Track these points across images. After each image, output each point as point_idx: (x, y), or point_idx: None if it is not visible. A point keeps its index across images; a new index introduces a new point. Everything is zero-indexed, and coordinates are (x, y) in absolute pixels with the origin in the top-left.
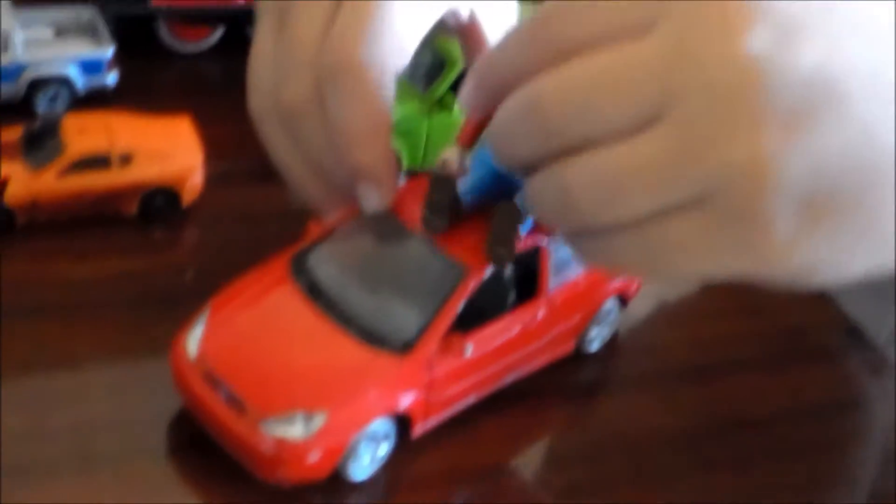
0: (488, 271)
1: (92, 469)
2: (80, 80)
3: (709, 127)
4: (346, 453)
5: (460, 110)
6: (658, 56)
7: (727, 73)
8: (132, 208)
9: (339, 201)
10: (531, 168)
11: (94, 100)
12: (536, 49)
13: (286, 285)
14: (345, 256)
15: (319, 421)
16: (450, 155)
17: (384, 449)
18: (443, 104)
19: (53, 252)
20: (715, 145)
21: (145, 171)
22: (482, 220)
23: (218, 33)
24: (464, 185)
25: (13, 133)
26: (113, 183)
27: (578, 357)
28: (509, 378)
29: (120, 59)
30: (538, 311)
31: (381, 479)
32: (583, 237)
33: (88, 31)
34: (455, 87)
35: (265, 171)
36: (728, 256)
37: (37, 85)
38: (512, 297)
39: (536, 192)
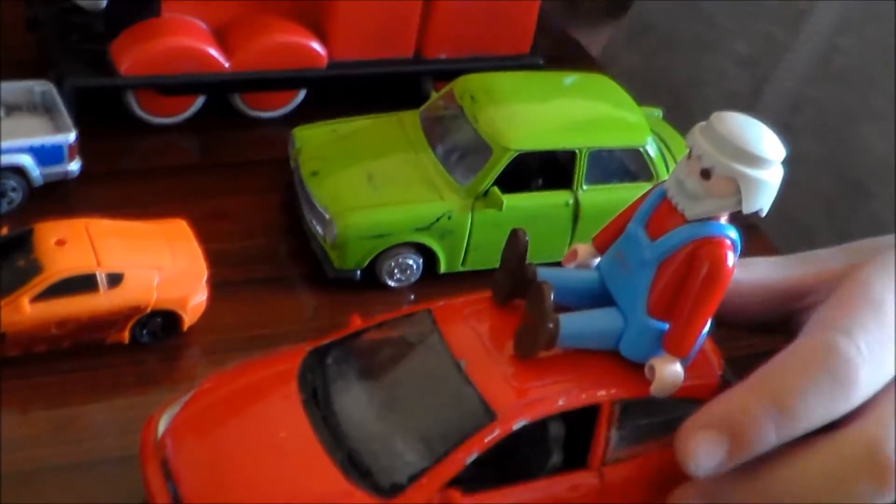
0: (518, 425)
1: None
2: (36, 170)
3: None
4: None
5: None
6: None
7: None
8: (123, 335)
9: None
10: None
11: (54, 192)
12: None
13: (285, 383)
14: (365, 363)
15: None
16: (582, 250)
17: None
18: (488, 199)
19: (25, 396)
20: None
21: (140, 293)
22: (540, 367)
23: (198, 103)
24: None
25: None
26: (101, 308)
27: None
28: None
29: (83, 138)
30: (585, 484)
31: None
32: None
33: (43, 110)
34: (502, 178)
35: (270, 274)
36: None
37: None
38: (554, 460)
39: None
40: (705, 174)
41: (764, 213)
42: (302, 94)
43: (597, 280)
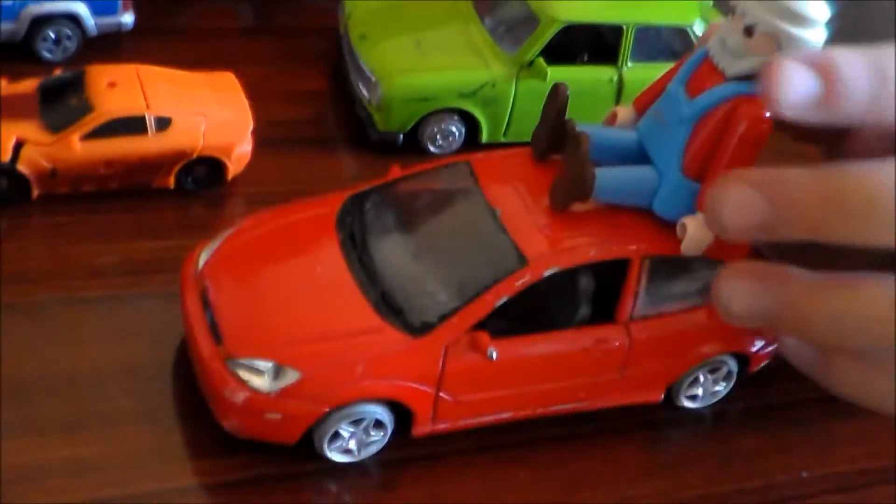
0: (549, 272)
1: None
2: (91, 20)
3: None
4: (320, 426)
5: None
6: None
7: None
8: (169, 180)
9: None
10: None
11: (107, 44)
12: None
13: (324, 225)
14: (403, 209)
15: (290, 378)
16: (622, 112)
17: (376, 438)
18: (533, 68)
19: (74, 231)
20: None
21: (188, 138)
22: (574, 220)
23: None
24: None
25: (27, 85)
26: (149, 151)
27: (671, 407)
28: (562, 407)
29: None
30: (611, 338)
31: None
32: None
33: None
34: (548, 50)
35: (315, 134)
36: None
37: (40, 23)
38: (582, 312)
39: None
40: (748, 31)
41: None
42: None
43: (635, 140)
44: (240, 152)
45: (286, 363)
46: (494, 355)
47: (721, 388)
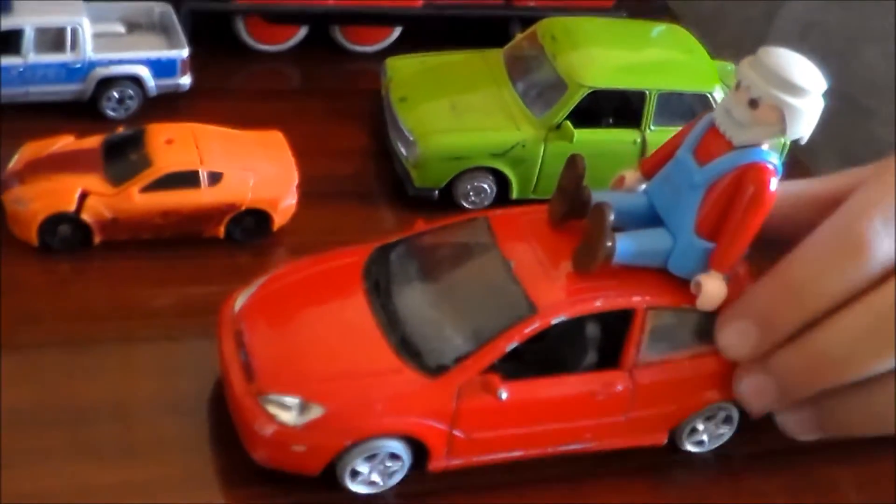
0: (556, 320)
1: None
2: (152, 81)
3: None
4: (342, 459)
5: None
6: None
7: None
8: (219, 230)
9: None
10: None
11: (166, 103)
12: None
13: (352, 274)
14: (424, 259)
15: (315, 413)
16: (630, 176)
17: (394, 471)
18: (561, 131)
19: (131, 275)
20: None
21: (237, 192)
22: (587, 275)
23: (301, 34)
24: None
25: (92, 142)
26: (202, 203)
27: (676, 451)
28: (570, 447)
29: (195, 58)
30: (616, 382)
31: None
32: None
33: (161, 29)
34: (575, 113)
35: (356, 189)
36: None
37: (106, 84)
38: (589, 358)
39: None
40: (753, 104)
41: (804, 141)
42: (397, 32)
43: (645, 203)
44: (285, 205)
45: (312, 399)
46: (504, 396)
47: (725, 431)
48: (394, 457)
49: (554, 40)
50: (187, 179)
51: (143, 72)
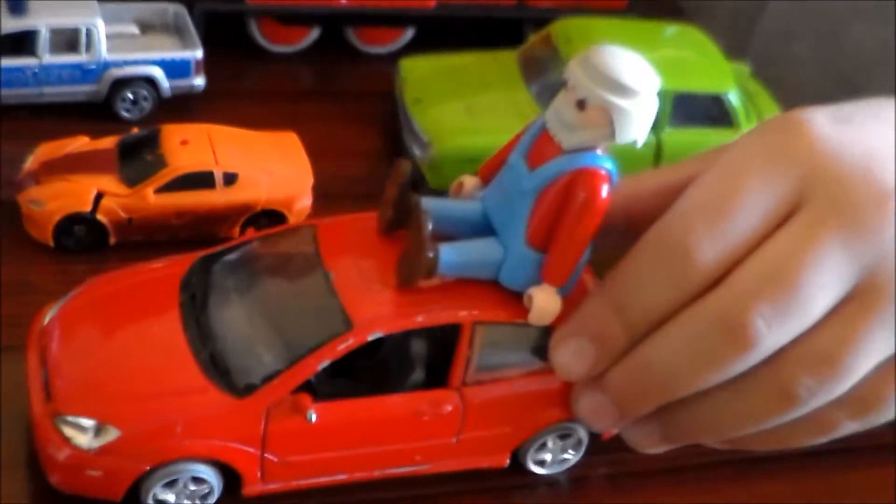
0: (373, 336)
1: None
2: (166, 82)
3: None
4: (143, 484)
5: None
6: None
7: None
8: (234, 231)
9: None
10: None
11: (180, 104)
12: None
13: (169, 285)
14: (245, 270)
15: (110, 436)
16: (468, 182)
17: (205, 495)
18: None
19: None
20: None
21: (253, 192)
22: (414, 289)
23: (314, 35)
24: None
25: (107, 142)
26: (217, 203)
27: (525, 473)
28: (401, 470)
29: (209, 60)
30: (444, 402)
31: None
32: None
33: (174, 30)
34: None
35: (370, 190)
36: None
37: (120, 85)
38: (416, 377)
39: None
40: (580, 104)
41: (639, 145)
42: (410, 32)
43: (480, 211)
44: (300, 206)
45: (107, 421)
46: (314, 418)
47: (570, 456)
48: (202, 481)
49: (569, 41)
50: (202, 180)
51: (157, 72)
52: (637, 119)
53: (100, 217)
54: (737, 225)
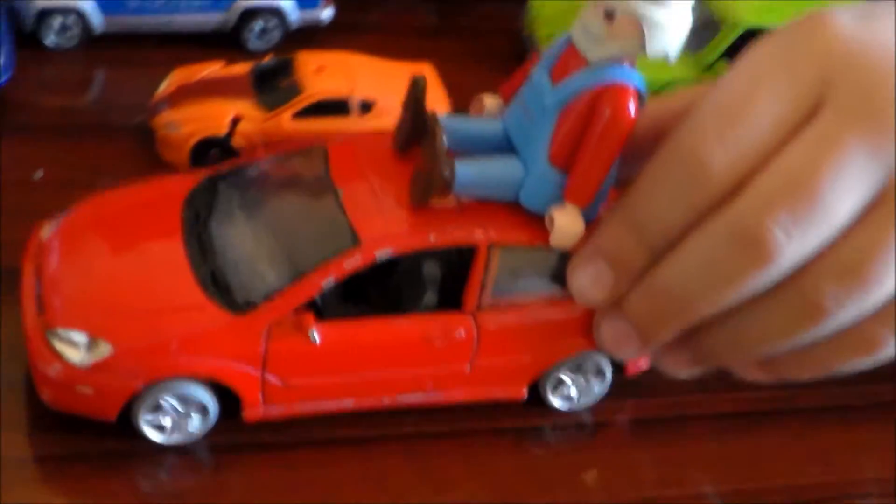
0: (382, 255)
1: None
2: (294, 14)
3: None
4: (136, 403)
5: None
6: None
7: None
8: None
9: None
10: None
11: (305, 37)
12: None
13: (173, 203)
14: (252, 190)
15: (103, 351)
16: (489, 100)
17: (198, 420)
18: (713, 71)
19: None
20: None
21: (388, 121)
22: (428, 209)
23: None
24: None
25: (241, 69)
26: (351, 130)
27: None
28: (411, 398)
29: None
30: (456, 326)
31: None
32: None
33: None
34: (729, 52)
35: None
36: None
37: (248, 16)
38: (427, 300)
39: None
40: (609, 16)
41: (672, 58)
42: None
43: (500, 129)
44: None
45: (98, 335)
46: (317, 338)
47: (597, 386)
48: (195, 404)
49: None
50: (338, 107)
51: (286, 3)
52: (669, 30)
53: (234, 142)
54: (751, 131)
